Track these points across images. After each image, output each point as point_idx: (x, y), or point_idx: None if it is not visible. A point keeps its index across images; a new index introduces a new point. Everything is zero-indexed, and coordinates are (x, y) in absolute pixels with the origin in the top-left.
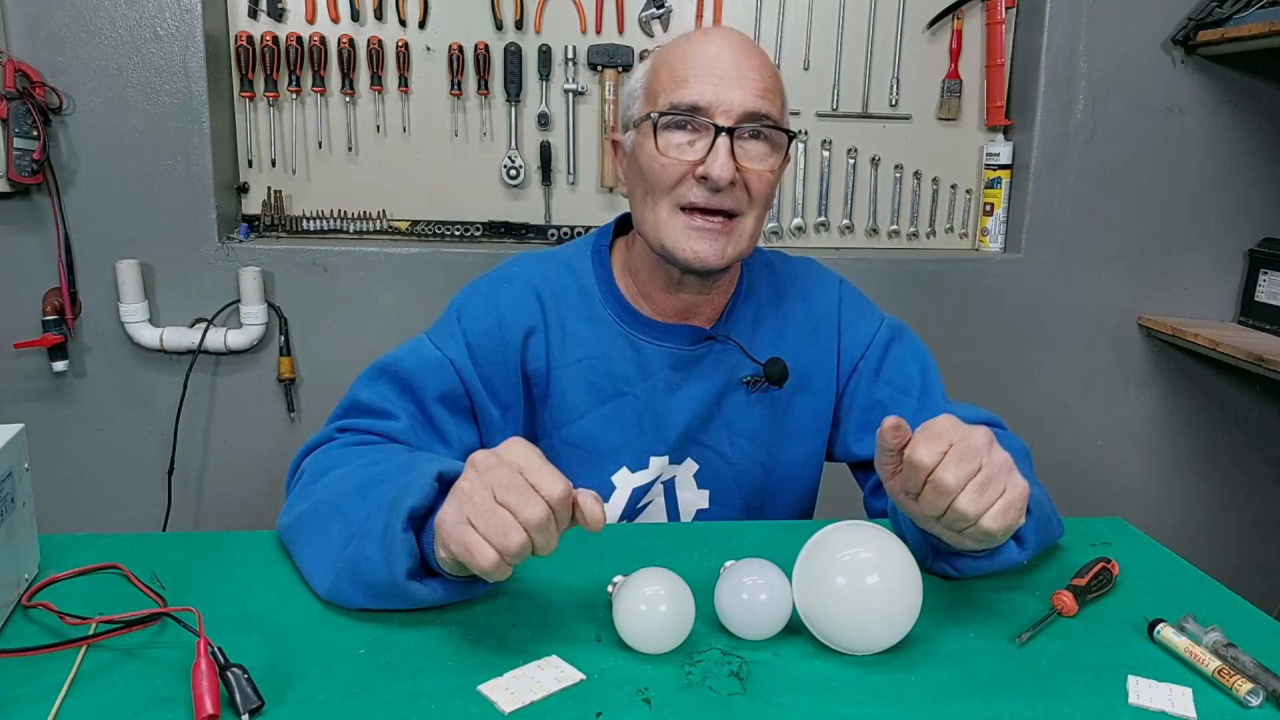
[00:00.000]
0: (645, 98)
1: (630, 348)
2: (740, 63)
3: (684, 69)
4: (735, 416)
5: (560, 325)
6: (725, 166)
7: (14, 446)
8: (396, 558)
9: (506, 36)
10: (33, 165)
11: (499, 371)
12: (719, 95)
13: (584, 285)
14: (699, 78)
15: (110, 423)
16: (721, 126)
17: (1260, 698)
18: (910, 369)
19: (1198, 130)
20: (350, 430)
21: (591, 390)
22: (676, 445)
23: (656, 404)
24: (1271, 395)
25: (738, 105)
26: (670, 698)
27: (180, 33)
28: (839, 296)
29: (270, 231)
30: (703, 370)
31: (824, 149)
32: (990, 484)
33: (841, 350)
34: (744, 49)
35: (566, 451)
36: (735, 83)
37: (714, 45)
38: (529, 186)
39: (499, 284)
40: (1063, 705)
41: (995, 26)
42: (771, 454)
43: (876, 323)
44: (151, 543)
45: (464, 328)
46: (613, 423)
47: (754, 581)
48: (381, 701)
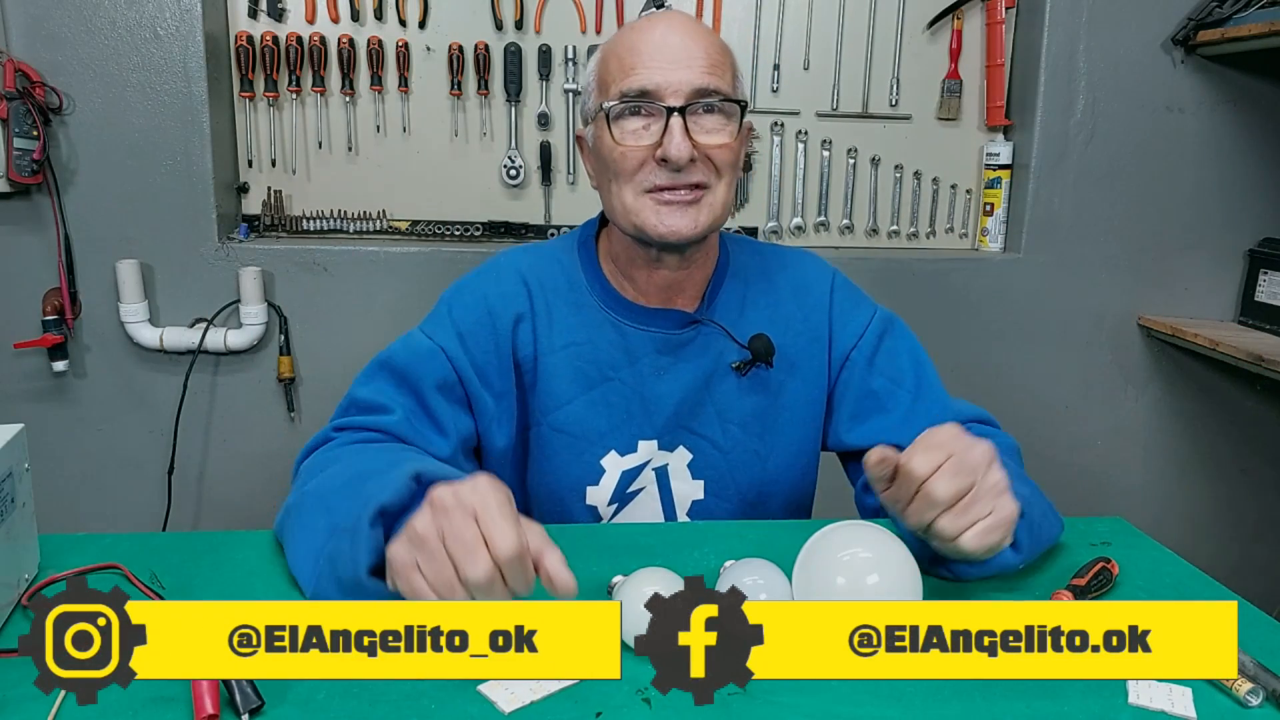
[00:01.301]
0: (598, 90)
1: (616, 333)
2: (684, 43)
3: (630, 58)
4: (726, 403)
5: (547, 312)
6: (681, 146)
7: (14, 446)
8: (360, 552)
9: (506, 36)
10: (33, 165)
11: (491, 359)
12: (666, 77)
13: (570, 274)
14: (645, 64)
15: (110, 423)
16: (672, 107)
17: (1260, 698)
18: (904, 362)
19: (1198, 130)
20: (348, 429)
21: (578, 376)
22: (665, 429)
23: (643, 388)
24: (1271, 395)
25: (685, 84)
26: (670, 698)
27: (180, 32)
28: (831, 286)
29: (270, 231)
30: (689, 354)
31: (824, 149)
32: (976, 503)
33: (833, 339)
34: (686, 29)
35: (555, 438)
36: (682, 63)
37: (657, 30)
38: (529, 186)
39: (487, 275)
40: (1063, 705)
41: (995, 26)
42: (765, 442)
43: (870, 313)
44: (151, 542)
45: (455, 319)
46: (600, 408)
47: (753, 581)
48: (381, 701)
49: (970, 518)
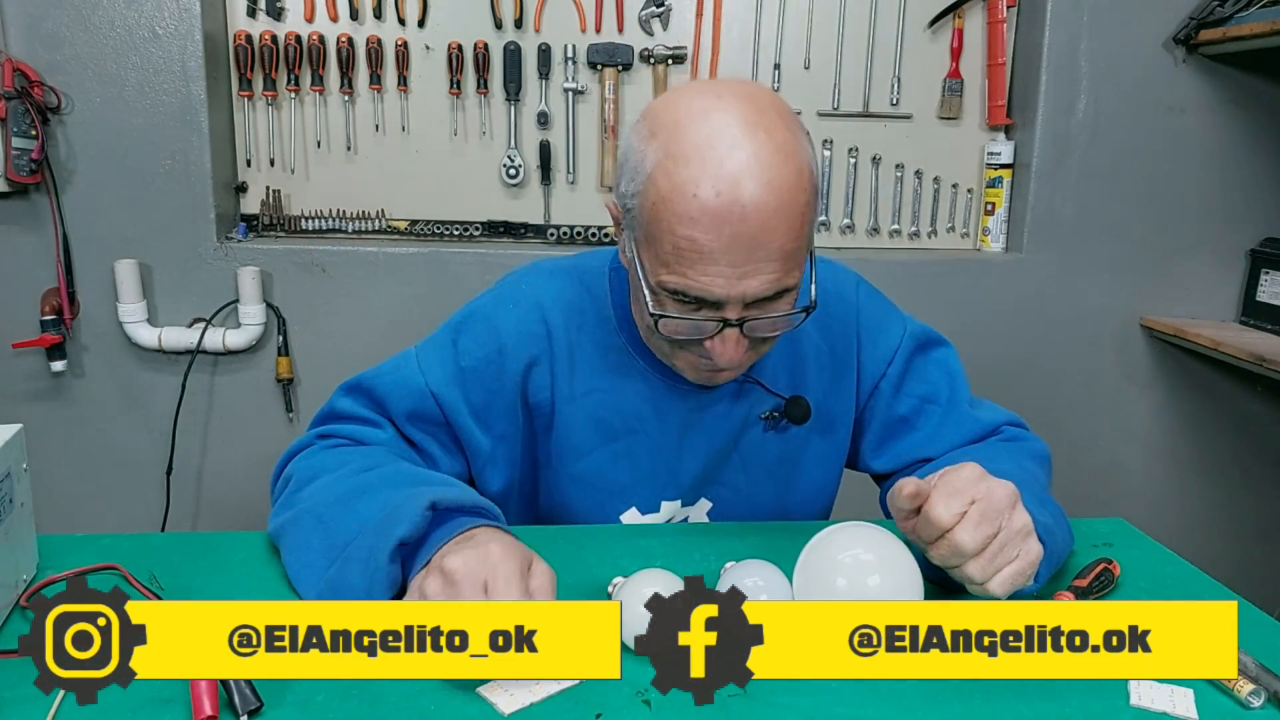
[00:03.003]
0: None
1: (644, 385)
2: (759, 237)
3: (690, 249)
4: (751, 453)
5: (569, 355)
6: (733, 359)
7: (12, 446)
8: (377, 588)
9: (506, 35)
10: (31, 165)
11: (495, 401)
12: (729, 289)
13: (600, 308)
14: (706, 267)
15: (109, 423)
16: (730, 321)
17: (1262, 699)
18: (935, 376)
19: (1199, 130)
20: (331, 436)
21: (600, 427)
22: (690, 489)
23: (670, 445)
24: (1273, 395)
25: (752, 294)
26: (670, 698)
27: (179, 32)
28: (857, 309)
29: (269, 231)
30: (720, 410)
31: (825, 148)
32: (1004, 549)
33: (861, 372)
34: (768, 207)
35: (573, 486)
36: (752, 268)
37: (730, 220)
38: (528, 186)
39: (504, 304)
40: (1064, 706)
41: (996, 25)
42: (788, 488)
43: (899, 336)
44: (150, 543)
45: (459, 350)
46: (623, 461)
47: (754, 583)
48: (381, 702)
49: (997, 565)
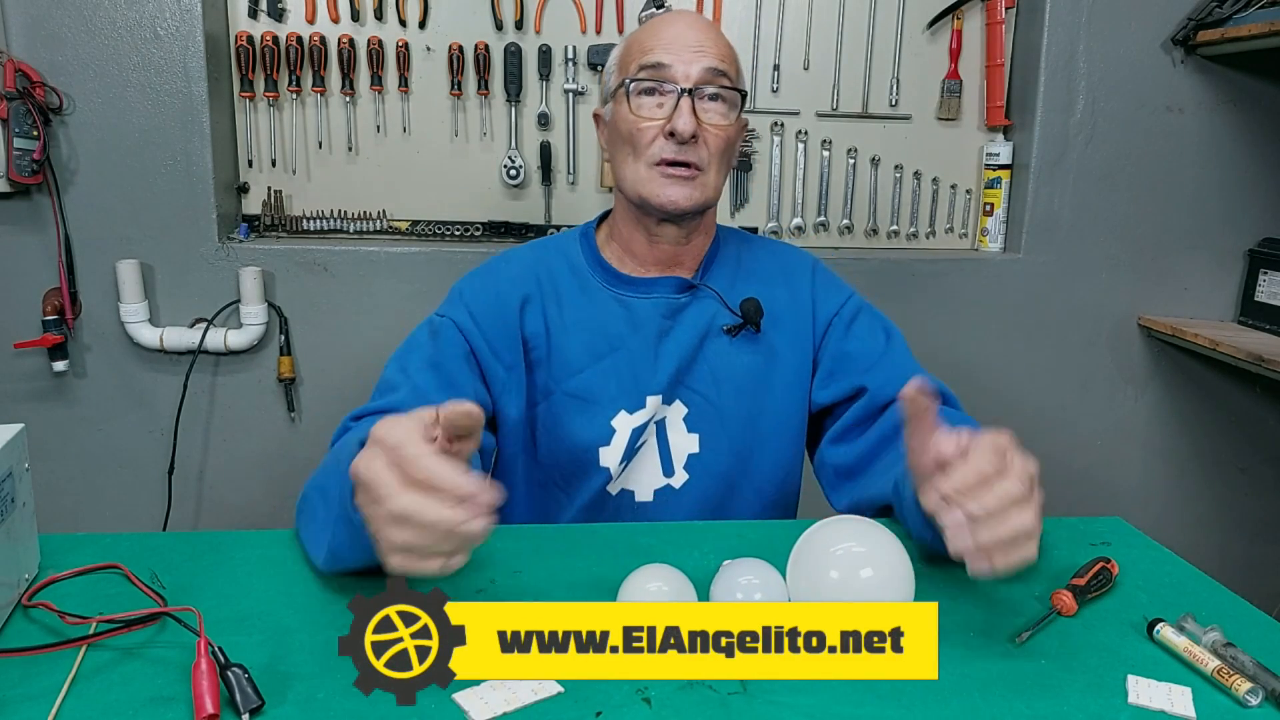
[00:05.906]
0: (619, 69)
1: (620, 307)
2: (699, 37)
3: (651, 41)
4: (719, 364)
5: (555, 295)
6: (688, 121)
7: (14, 446)
8: (359, 542)
9: (506, 36)
10: (33, 165)
11: (500, 335)
12: (681, 61)
13: (573, 261)
14: (664, 47)
15: (110, 423)
16: (684, 89)
17: (1259, 697)
18: (877, 329)
19: (1197, 130)
20: (364, 415)
21: (588, 348)
22: (668, 386)
23: (648, 352)
24: (1271, 395)
25: (696, 69)
26: (670, 697)
27: (180, 32)
28: (812, 270)
29: (270, 231)
30: (686, 317)
31: (824, 149)
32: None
33: (816, 309)
34: (702, 26)
35: (569, 403)
36: (695, 52)
37: (678, 23)
38: (529, 186)
39: (495, 265)
40: (1062, 705)
41: (995, 26)
42: (757, 403)
43: (848, 292)
44: (151, 542)
45: (465, 300)
46: (610, 374)
47: (749, 581)
48: (381, 702)
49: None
